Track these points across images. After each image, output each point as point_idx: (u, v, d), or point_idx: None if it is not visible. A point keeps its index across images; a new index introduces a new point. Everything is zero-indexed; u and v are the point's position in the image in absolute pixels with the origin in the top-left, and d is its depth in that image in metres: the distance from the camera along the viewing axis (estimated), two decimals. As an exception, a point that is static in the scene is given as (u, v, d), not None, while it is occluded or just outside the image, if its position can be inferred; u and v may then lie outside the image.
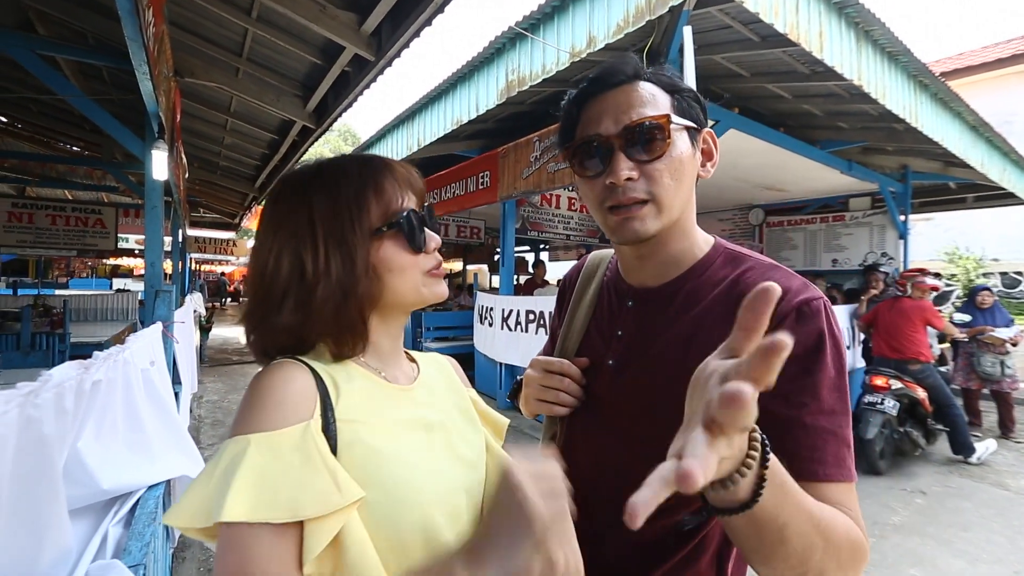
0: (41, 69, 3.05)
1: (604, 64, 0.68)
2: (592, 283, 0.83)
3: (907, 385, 4.04)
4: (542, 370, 0.77)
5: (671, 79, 0.68)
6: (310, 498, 0.46)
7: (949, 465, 4.08)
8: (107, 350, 0.99)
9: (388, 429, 0.57)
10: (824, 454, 0.56)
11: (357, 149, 6.81)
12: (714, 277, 0.68)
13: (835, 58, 2.90)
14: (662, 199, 0.64)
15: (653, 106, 0.64)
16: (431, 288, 0.65)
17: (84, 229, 7.32)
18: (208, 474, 0.49)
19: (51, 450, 0.69)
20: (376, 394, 0.59)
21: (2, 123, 6.53)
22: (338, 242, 0.58)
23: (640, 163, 0.64)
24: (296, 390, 0.52)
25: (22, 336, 3.53)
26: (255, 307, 0.60)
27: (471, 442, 0.67)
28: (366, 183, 0.60)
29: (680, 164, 0.65)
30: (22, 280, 12.42)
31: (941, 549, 2.78)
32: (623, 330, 0.73)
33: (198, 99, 4.60)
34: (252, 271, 0.61)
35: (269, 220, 0.61)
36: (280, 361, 0.56)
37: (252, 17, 3.23)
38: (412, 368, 0.70)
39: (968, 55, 12.33)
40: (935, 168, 5.98)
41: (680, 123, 0.65)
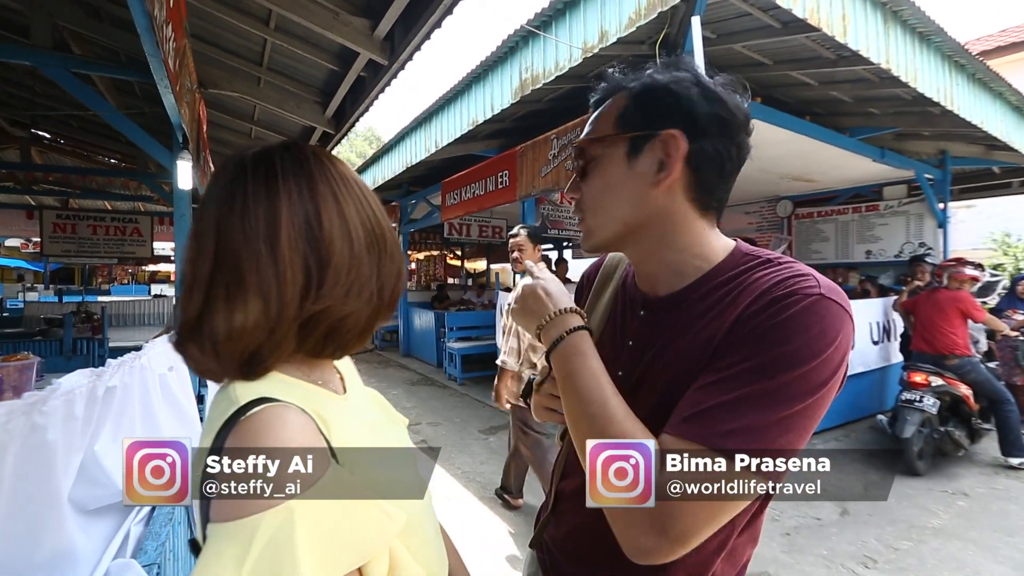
0: (76, 86, 3.19)
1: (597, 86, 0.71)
2: (610, 285, 0.82)
3: (948, 382, 3.84)
4: (551, 379, 0.76)
5: (647, 80, 0.65)
6: (370, 536, 0.46)
7: (995, 466, 3.86)
8: (121, 357, 1.03)
9: (361, 442, 0.56)
10: (687, 409, 0.55)
11: (378, 151, 6.91)
12: (725, 286, 0.63)
13: (860, 42, 2.78)
14: (587, 218, 0.68)
15: (594, 125, 0.67)
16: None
17: (123, 238, 7.66)
18: (236, 560, 0.40)
19: (54, 456, 0.73)
20: (345, 414, 0.57)
21: (46, 139, 6.91)
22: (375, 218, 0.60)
23: (579, 185, 0.69)
24: (312, 436, 0.48)
25: (64, 341, 3.73)
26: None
27: (398, 423, 0.70)
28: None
29: (604, 183, 0.65)
30: (68, 287, 13.09)
31: (984, 555, 2.64)
32: (633, 340, 0.71)
33: (223, 109, 4.75)
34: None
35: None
36: (269, 408, 0.48)
37: (270, 27, 3.32)
38: (335, 371, 0.67)
39: (1011, 31, 11.65)
40: (976, 152, 5.68)
41: (611, 137, 0.64)
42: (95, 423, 0.94)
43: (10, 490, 0.66)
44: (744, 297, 0.58)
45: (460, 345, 6.76)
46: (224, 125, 5.32)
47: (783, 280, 0.57)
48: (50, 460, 0.73)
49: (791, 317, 0.53)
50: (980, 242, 10.18)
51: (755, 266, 0.62)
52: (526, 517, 2.96)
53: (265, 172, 0.52)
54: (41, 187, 7.74)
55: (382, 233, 0.57)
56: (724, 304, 0.60)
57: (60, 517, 0.78)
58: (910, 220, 6.55)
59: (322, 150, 0.58)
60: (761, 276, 0.60)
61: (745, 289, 0.59)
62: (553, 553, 0.79)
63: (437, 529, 0.64)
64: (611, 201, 0.65)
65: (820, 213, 7.51)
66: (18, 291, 11.36)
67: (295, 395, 0.51)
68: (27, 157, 6.39)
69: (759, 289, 0.58)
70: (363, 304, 0.54)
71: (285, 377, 0.53)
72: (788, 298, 0.55)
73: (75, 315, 4.65)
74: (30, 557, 0.75)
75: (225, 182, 0.52)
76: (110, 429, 1.05)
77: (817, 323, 0.53)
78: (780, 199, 7.70)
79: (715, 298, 0.62)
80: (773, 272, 0.60)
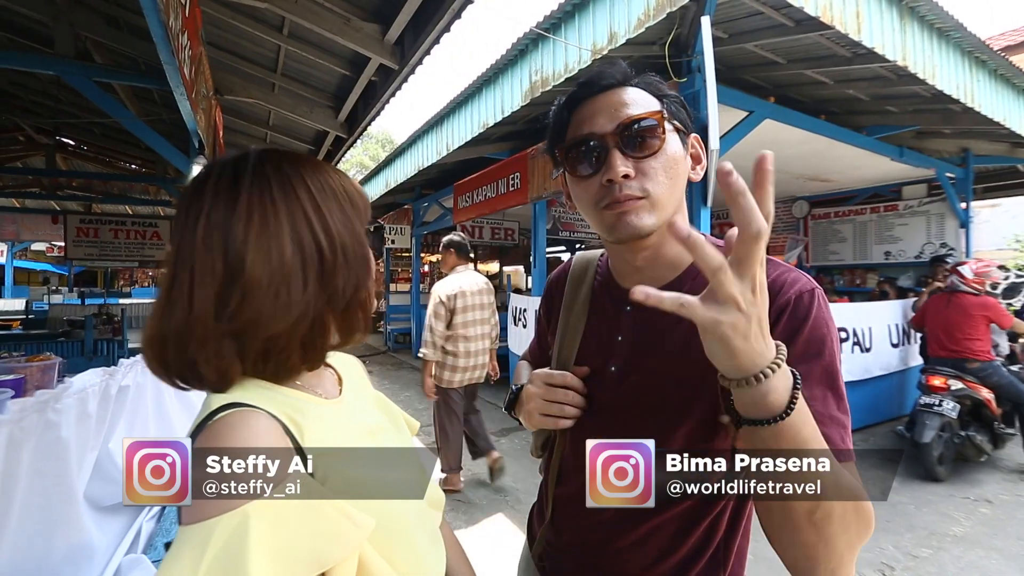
0: (97, 95, 3.28)
1: (593, 70, 0.70)
2: (582, 288, 0.82)
3: (969, 386, 3.74)
4: (543, 384, 0.75)
5: (658, 86, 0.69)
6: (331, 544, 0.45)
7: (1020, 472, 3.75)
8: (134, 356, 1.06)
9: (358, 454, 0.56)
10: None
11: (391, 154, 6.97)
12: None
13: (876, 39, 2.73)
14: (658, 196, 0.64)
15: (644, 106, 0.65)
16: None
17: (143, 242, 7.83)
18: (192, 563, 0.40)
19: (68, 452, 0.75)
20: (327, 418, 0.57)
21: (71, 146, 7.10)
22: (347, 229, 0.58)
23: (636, 160, 0.64)
24: (274, 442, 0.48)
25: (86, 342, 3.82)
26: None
27: (403, 427, 0.69)
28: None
29: (674, 162, 0.66)
30: (91, 290, 13.43)
31: (1008, 564, 2.56)
32: (623, 335, 0.73)
33: (239, 115, 4.84)
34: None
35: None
36: (230, 414, 0.48)
37: (284, 34, 3.37)
38: (332, 373, 0.67)
39: (1037, 26, 11.33)
40: (1000, 150, 5.53)
41: (672, 124, 0.67)
42: (109, 421, 0.96)
43: (26, 486, 0.68)
44: None
45: (472, 347, 6.77)
46: (240, 130, 5.42)
47: (779, 277, 0.64)
48: (64, 457, 0.75)
49: (816, 316, 0.61)
50: (1004, 243, 9.91)
51: None
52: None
53: (200, 184, 0.53)
54: (65, 192, 7.96)
55: (333, 247, 0.54)
56: None
57: (76, 513, 0.80)
58: (931, 220, 6.40)
59: (300, 158, 0.57)
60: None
61: None
62: (554, 559, 0.79)
63: (433, 536, 0.62)
64: (677, 181, 0.67)
65: (837, 213, 7.38)
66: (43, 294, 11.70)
67: (268, 400, 0.51)
68: (52, 163, 6.58)
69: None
70: (295, 322, 0.51)
71: (263, 383, 0.53)
72: (802, 298, 0.62)
73: (96, 317, 4.77)
74: (48, 552, 0.77)
75: (185, 192, 0.54)
76: (124, 427, 1.08)
77: (829, 313, 0.63)
78: (796, 199, 7.59)
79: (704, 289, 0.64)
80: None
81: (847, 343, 4.36)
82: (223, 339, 0.50)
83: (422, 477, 0.62)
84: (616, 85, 0.68)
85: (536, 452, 0.88)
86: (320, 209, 0.54)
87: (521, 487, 3.52)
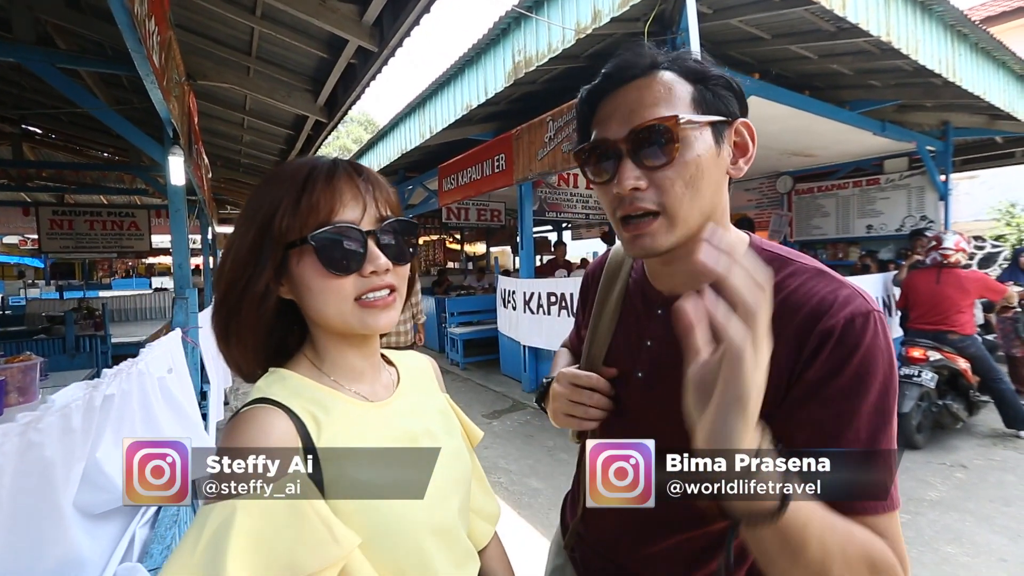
0: (62, 82, 3.14)
1: (618, 57, 0.63)
2: (616, 284, 0.79)
3: (947, 356, 3.85)
4: (569, 385, 0.74)
5: (698, 66, 0.61)
6: (308, 554, 0.45)
7: (994, 437, 3.91)
8: (118, 365, 1.04)
9: (374, 455, 0.56)
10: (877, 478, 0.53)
11: (373, 137, 6.83)
12: None
13: (860, 13, 2.72)
14: (674, 210, 0.59)
15: (666, 104, 0.58)
16: (361, 319, 0.57)
17: (120, 232, 7.64)
18: (191, 545, 0.45)
19: (53, 470, 0.74)
20: (356, 419, 0.58)
21: (37, 135, 6.83)
22: (251, 246, 0.56)
23: (648, 170, 0.58)
24: (276, 441, 0.49)
25: (67, 339, 3.74)
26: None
27: (454, 433, 0.68)
28: (290, 188, 0.56)
29: (696, 169, 0.58)
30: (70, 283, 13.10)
31: (981, 525, 2.69)
32: (652, 340, 0.69)
33: (214, 100, 4.69)
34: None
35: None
36: (250, 409, 0.53)
37: (256, 15, 3.24)
38: (391, 374, 0.68)
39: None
40: (979, 123, 5.59)
41: (699, 120, 0.58)
42: (95, 432, 0.95)
43: (10, 508, 0.67)
44: (791, 310, 0.57)
45: (461, 330, 6.78)
46: (216, 116, 5.25)
47: (830, 293, 0.57)
48: (49, 475, 0.74)
49: (869, 344, 0.54)
50: (984, 213, 10.10)
51: (780, 267, 0.61)
52: (526, 499, 3.01)
53: None
54: (36, 183, 7.68)
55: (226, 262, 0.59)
56: None
57: (63, 528, 0.79)
58: (911, 193, 6.49)
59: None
60: (798, 286, 0.59)
61: (786, 300, 0.57)
62: (584, 552, 0.80)
63: (459, 556, 0.61)
64: (706, 187, 0.59)
65: (820, 188, 7.45)
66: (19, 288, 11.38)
67: (296, 397, 0.55)
68: (19, 153, 6.32)
69: (811, 305, 0.56)
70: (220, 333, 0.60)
71: (303, 379, 0.58)
72: (853, 322, 0.54)
73: (76, 312, 4.67)
74: (35, 570, 0.76)
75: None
76: (111, 436, 1.06)
77: (886, 340, 0.55)
78: (780, 175, 7.63)
79: None
80: (805, 279, 0.59)
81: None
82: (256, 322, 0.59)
83: (448, 490, 0.62)
84: (640, 75, 0.60)
85: (573, 439, 0.86)
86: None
87: (515, 467, 3.57)
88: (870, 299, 0.57)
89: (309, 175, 0.56)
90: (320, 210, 0.55)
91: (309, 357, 0.62)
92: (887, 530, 0.53)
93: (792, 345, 0.55)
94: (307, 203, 0.55)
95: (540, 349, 5.28)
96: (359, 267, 0.56)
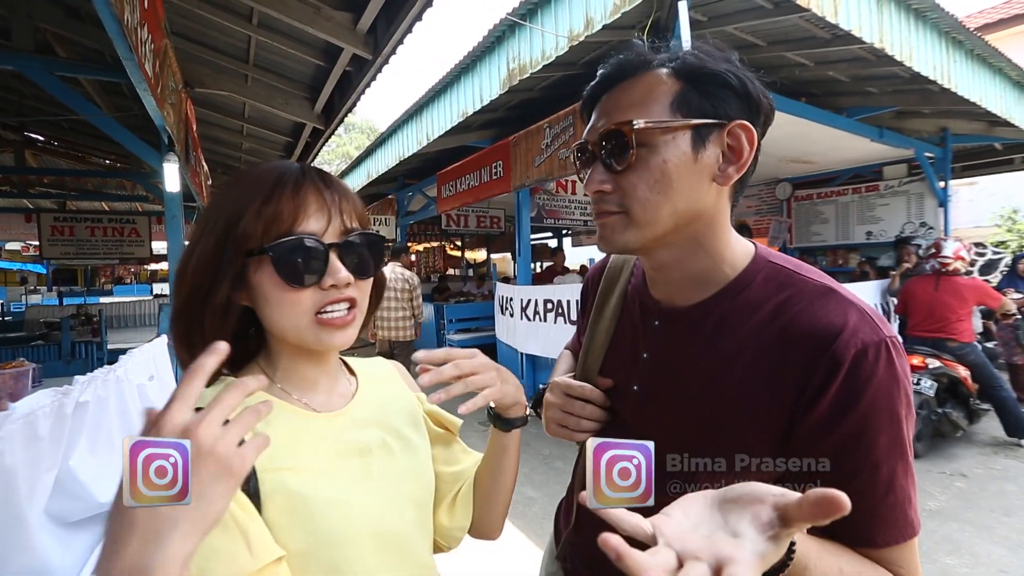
0: (61, 90, 3.17)
1: (615, 57, 0.62)
2: (615, 290, 0.77)
3: (946, 364, 3.82)
4: (563, 395, 0.73)
5: (696, 62, 0.58)
6: (215, 562, 0.45)
7: (995, 446, 3.86)
8: (93, 372, 1.03)
9: (316, 467, 0.55)
10: (876, 522, 0.52)
11: (371, 145, 6.86)
12: (752, 299, 0.60)
13: (853, 21, 2.72)
14: (635, 213, 0.58)
15: (641, 107, 0.57)
16: (317, 336, 0.56)
17: (121, 238, 7.68)
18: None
19: (14, 479, 0.72)
20: (301, 430, 0.57)
21: (39, 142, 6.89)
22: (213, 252, 0.54)
23: (615, 173, 0.59)
24: None
25: (63, 345, 3.74)
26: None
27: (416, 448, 0.67)
28: (253, 195, 0.54)
29: (662, 174, 0.57)
30: (71, 289, 13.15)
31: (981, 535, 2.64)
32: (649, 352, 0.67)
33: (213, 107, 4.72)
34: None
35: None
36: None
37: (253, 24, 3.27)
38: (349, 384, 0.67)
39: (1014, 3, 11.39)
40: (978, 129, 5.59)
41: (673, 124, 0.56)
42: (67, 439, 0.94)
43: (-34, 518, 0.66)
44: (798, 335, 0.55)
45: (460, 337, 6.77)
46: (216, 123, 5.29)
47: (839, 319, 0.54)
48: (10, 483, 0.73)
49: (881, 376, 0.52)
50: (985, 220, 10.06)
51: (785, 283, 0.59)
52: (521, 507, 2.98)
53: None
54: (37, 190, 7.74)
55: (187, 265, 0.57)
56: (763, 331, 0.57)
57: (26, 538, 0.77)
58: (911, 200, 6.48)
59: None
60: (804, 307, 0.56)
61: (790, 321, 0.56)
62: (576, 561, 0.78)
63: (401, 560, 0.60)
64: (670, 193, 0.57)
65: (820, 195, 7.44)
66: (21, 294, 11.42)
67: (241, 406, 0.50)
68: (21, 160, 6.38)
69: (818, 330, 0.54)
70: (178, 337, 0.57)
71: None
72: (865, 353, 0.52)
73: (74, 318, 4.67)
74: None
75: None
76: (86, 444, 1.05)
77: (901, 370, 0.53)
78: (779, 181, 7.62)
79: (749, 319, 0.59)
80: (812, 299, 0.57)
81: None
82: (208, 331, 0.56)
83: (401, 503, 0.61)
84: (628, 76, 0.60)
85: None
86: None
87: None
88: (882, 323, 0.54)
89: (276, 182, 0.55)
90: (284, 219, 0.54)
91: (261, 366, 0.61)
92: (906, 559, 0.53)
93: (799, 373, 0.54)
94: (272, 211, 0.53)
95: (537, 357, 5.25)
96: (318, 280, 0.55)
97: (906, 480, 0.53)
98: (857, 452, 0.52)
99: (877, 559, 0.52)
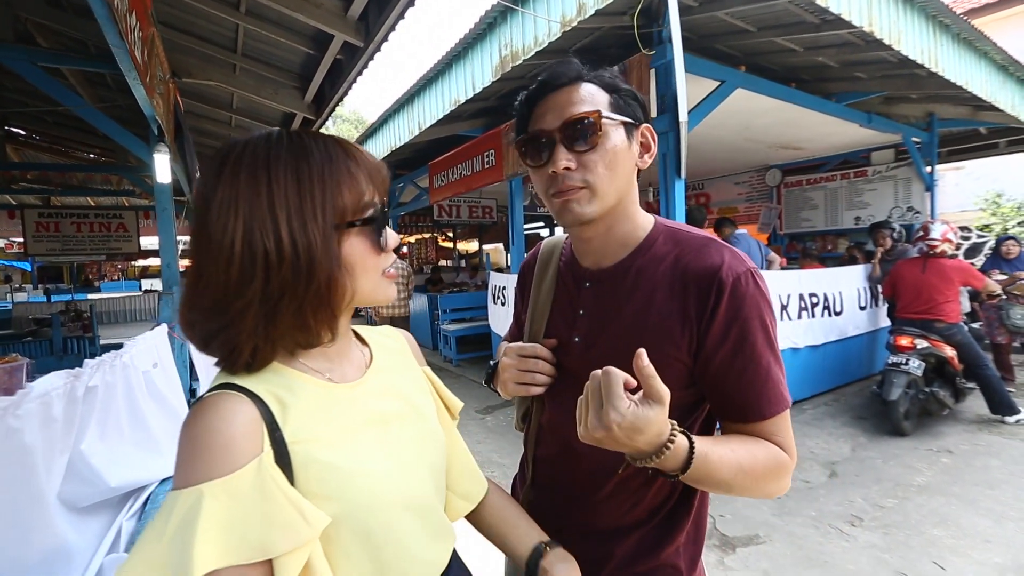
0: (44, 81, 3.10)
1: (549, 69, 0.76)
2: (549, 268, 0.91)
3: (933, 344, 3.90)
4: (516, 356, 0.84)
5: (611, 80, 0.76)
6: (280, 534, 0.46)
7: (979, 423, 3.97)
8: (100, 356, 1.04)
9: (342, 437, 0.56)
10: (762, 400, 0.70)
11: (362, 135, 6.80)
12: (658, 254, 0.77)
13: (842, 5, 2.74)
14: (596, 185, 0.72)
15: (591, 103, 0.72)
16: (384, 290, 0.61)
17: (108, 234, 7.55)
18: (158, 532, 0.45)
19: (34, 458, 0.73)
20: (325, 401, 0.57)
21: (21, 136, 6.73)
22: (302, 231, 0.52)
23: (577, 153, 0.72)
24: (240, 426, 0.48)
25: (54, 341, 3.70)
26: (214, 305, 0.52)
27: (429, 416, 0.69)
28: (338, 168, 0.54)
29: (613, 156, 0.72)
30: (58, 286, 12.95)
31: (966, 508, 2.73)
32: (584, 309, 0.81)
33: (201, 98, 4.64)
34: (206, 258, 0.52)
35: (226, 194, 0.52)
36: (213, 395, 0.51)
37: (241, 11, 3.22)
38: (363, 354, 0.67)
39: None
40: (963, 114, 5.66)
41: (615, 119, 0.73)
42: (78, 423, 0.94)
43: (-8, 497, 0.67)
44: (693, 273, 0.72)
45: (454, 327, 6.78)
46: (204, 115, 5.20)
47: (718, 259, 0.72)
48: (30, 462, 0.74)
49: (751, 294, 0.70)
50: (971, 204, 10.22)
51: (679, 239, 0.77)
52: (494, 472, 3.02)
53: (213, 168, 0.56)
54: (20, 186, 7.57)
55: (282, 250, 0.51)
56: (668, 275, 0.74)
57: (47, 517, 0.79)
58: (898, 184, 6.56)
59: (289, 143, 0.55)
60: (695, 253, 0.74)
61: (686, 266, 0.73)
62: (538, 515, 0.83)
63: (432, 529, 0.62)
64: (620, 171, 0.73)
65: (809, 181, 7.51)
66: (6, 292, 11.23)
67: (260, 381, 0.54)
68: (3, 155, 6.23)
69: (706, 268, 0.72)
70: (251, 326, 0.52)
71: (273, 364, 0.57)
72: (739, 280, 0.71)
73: (63, 314, 4.62)
74: (21, 558, 0.76)
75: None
76: (95, 428, 1.06)
77: (764, 289, 0.73)
78: (769, 168, 7.68)
79: (657, 268, 0.75)
80: (698, 248, 0.75)
81: (818, 307, 4.51)
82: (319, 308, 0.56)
83: (421, 469, 0.62)
84: (568, 83, 0.74)
85: (519, 425, 0.96)
86: (274, 209, 0.52)
87: (508, 461, 3.59)
88: (747, 260, 0.73)
89: (345, 154, 0.57)
90: (364, 190, 0.57)
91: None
92: (781, 428, 0.71)
93: (697, 298, 0.71)
94: (361, 182, 0.57)
95: (533, 344, 5.28)
96: (386, 243, 0.60)
97: (778, 369, 0.71)
98: (743, 351, 0.69)
99: (760, 432, 0.71)
